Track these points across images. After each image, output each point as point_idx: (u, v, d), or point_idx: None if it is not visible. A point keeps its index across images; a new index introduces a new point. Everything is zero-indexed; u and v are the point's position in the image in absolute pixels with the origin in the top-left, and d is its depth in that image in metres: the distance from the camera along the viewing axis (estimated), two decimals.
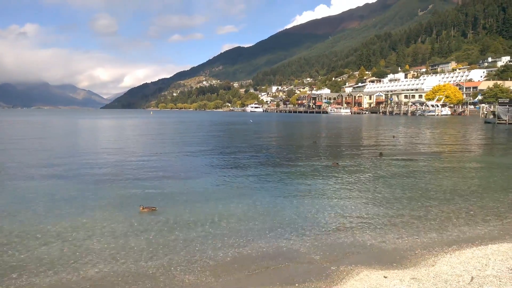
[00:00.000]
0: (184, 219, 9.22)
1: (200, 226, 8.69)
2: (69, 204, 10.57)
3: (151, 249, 7.41)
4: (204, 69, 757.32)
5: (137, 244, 7.64)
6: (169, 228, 8.58)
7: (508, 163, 18.79)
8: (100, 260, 6.88)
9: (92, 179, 14.15)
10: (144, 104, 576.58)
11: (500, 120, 54.21)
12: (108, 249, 7.37)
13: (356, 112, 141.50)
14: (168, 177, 14.69)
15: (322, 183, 13.46)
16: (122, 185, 13.10)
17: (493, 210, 9.96)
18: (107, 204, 10.54)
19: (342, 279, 6.09)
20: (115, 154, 21.54)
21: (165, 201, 10.90)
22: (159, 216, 9.39)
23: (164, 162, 18.59)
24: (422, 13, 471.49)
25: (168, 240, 7.86)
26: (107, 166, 17.13)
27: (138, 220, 9.11)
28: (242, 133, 42.32)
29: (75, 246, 7.53)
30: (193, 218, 9.24)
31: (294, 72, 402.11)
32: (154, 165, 17.70)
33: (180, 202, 10.83)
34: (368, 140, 33.34)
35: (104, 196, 11.52)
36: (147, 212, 9.67)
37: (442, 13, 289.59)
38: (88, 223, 8.92)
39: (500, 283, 5.60)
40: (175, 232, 8.32)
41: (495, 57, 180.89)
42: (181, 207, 10.28)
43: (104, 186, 12.85)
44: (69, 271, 6.44)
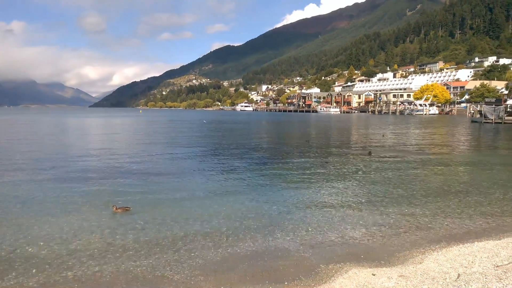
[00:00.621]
0: (169, 218, 9.16)
1: (188, 226, 8.64)
2: (38, 204, 10.36)
3: (138, 249, 7.35)
4: (194, 67, 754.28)
5: (122, 244, 7.57)
6: (154, 228, 8.51)
7: (493, 162, 19.09)
8: (85, 260, 6.80)
9: (67, 178, 13.90)
10: (133, 103, 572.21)
11: (487, 119, 55.08)
12: (91, 250, 7.28)
13: (346, 111, 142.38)
14: (151, 176, 14.53)
15: (310, 182, 13.50)
16: (100, 184, 12.87)
17: (479, 208, 10.11)
18: (85, 204, 10.37)
19: (331, 277, 6.11)
20: (96, 154, 21.02)
21: (151, 200, 10.82)
22: (138, 216, 9.29)
23: (147, 162, 18.34)
24: (410, 13, 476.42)
25: (155, 239, 7.80)
26: (86, 166, 16.76)
27: (119, 220, 9.01)
28: (232, 132, 42.25)
29: (56, 247, 7.43)
30: (180, 217, 9.19)
31: (284, 71, 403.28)
32: (136, 164, 17.46)
33: (164, 201, 10.75)
34: (357, 139, 33.58)
35: (79, 195, 11.31)
36: (121, 213, 9.38)
37: (430, 13, 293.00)
38: (61, 223, 8.75)
39: (486, 280, 5.68)
40: (161, 232, 8.26)
41: (482, 57, 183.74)
42: (165, 206, 10.21)
43: (79, 186, 12.59)
44: (56, 271, 6.35)
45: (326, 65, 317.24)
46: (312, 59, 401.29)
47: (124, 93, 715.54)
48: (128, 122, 67.41)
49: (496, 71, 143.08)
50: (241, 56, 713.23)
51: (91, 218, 9.13)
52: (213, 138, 34.68)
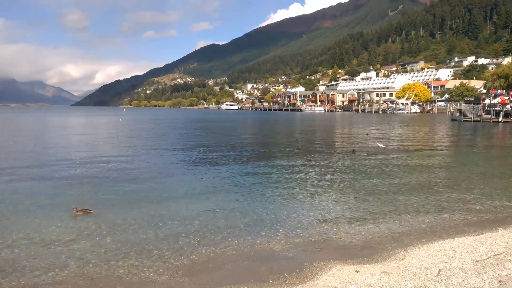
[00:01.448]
0: (157, 217, 9.09)
1: (171, 225, 8.59)
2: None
3: (122, 250, 7.27)
4: (178, 66, 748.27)
5: (104, 246, 7.48)
6: (138, 228, 8.44)
7: (472, 159, 19.57)
8: (66, 262, 6.70)
9: (32, 179, 13.67)
10: (117, 102, 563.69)
11: (466, 117, 56.37)
12: (69, 252, 7.17)
13: (330, 110, 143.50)
14: (123, 177, 14.38)
15: (295, 180, 13.59)
16: (66, 186, 12.65)
17: (459, 204, 10.36)
18: (46, 206, 10.14)
19: (315, 274, 6.17)
20: (69, 155, 20.54)
21: (122, 201, 10.71)
22: (101, 218, 9.18)
23: (122, 162, 18.00)
24: (392, 13, 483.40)
25: (138, 240, 7.73)
26: (56, 167, 16.32)
27: (99, 221, 8.89)
28: (217, 131, 42.07)
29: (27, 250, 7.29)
30: (166, 217, 9.13)
31: (269, 70, 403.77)
32: (110, 165, 17.13)
33: (136, 202, 10.66)
34: (342, 138, 33.90)
35: (41, 197, 11.07)
36: (81, 215, 9.10)
37: (411, 14, 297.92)
38: (18, 226, 8.54)
39: (466, 274, 5.82)
40: (143, 230, 8.19)
41: (461, 57, 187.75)
42: (135, 207, 10.13)
43: (43, 187, 12.31)
44: (36, 274, 6.23)
45: (310, 64, 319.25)
46: (297, 58, 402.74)
47: (108, 92, 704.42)
48: (110, 122, 66.39)
49: (475, 71, 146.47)
50: (226, 55, 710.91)
51: (51, 220, 8.86)
52: (197, 137, 34.46)
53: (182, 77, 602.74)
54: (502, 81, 73.53)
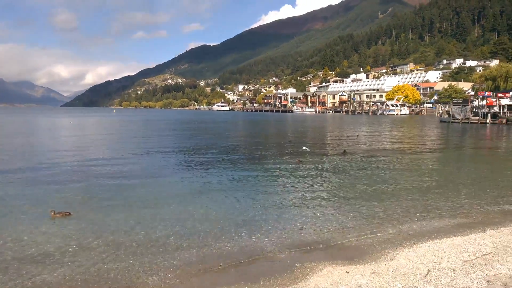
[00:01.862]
0: (147, 218, 9.03)
1: (162, 227, 8.54)
2: None
3: (112, 251, 7.21)
4: (169, 67, 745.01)
5: (95, 246, 7.40)
6: (128, 229, 8.37)
7: (461, 160, 19.84)
8: (56, 264, 6.61)
9: (13, 181, 13.46)
10: (107, 102, 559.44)
11: (454, 119, 57.10)
12: (60, 253, 7.08)
13: (321, 111, 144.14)
14: (108, 178, 14.28)
15: (286, 181, 13.62)
16: (47, 188, 12.48)
17: (448, 205, 10.47)
18: (24, 209, 9.89)
19: (306, 275, 6.18)
20: (54, 157, 20.12)
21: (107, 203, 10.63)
22: (79, 220, 9.12)
23: (110, 165, 17.88)
24: (382, 15, 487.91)
25: (128, 241, 7.67)
26: (40, 169, 16.09)
27: (79, 224, 8.80)
28: (209, 132, 41.96)
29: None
30: (156, 218, 9.07)
31: (260, 71, 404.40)
32: (96, 167, 16.94)
33: (134, 202, 10.59)
34: (332, 139, 34.07)
35: (21, 199, 10.93)
36: (60, 217, 8.91)
37: (401, 16, 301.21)
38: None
39: (454, 274, 5.89)
40: (133, 232, 8.13)
41: (449, 59, 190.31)
42: (136, 207, 10.07)
43: (24, 189, 12.18)
44: (25, 277, 6.14)
45: (301, 66, 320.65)
46: (288, 60, 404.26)
47: (98, 93, 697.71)
48: (100, 122, 65.79)
49: (463, 73, 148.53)
50: (217, 56, 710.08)
51: (30, 224, 8.74)
52: (188, 138, 34.32)
53: (173, 78, 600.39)
54: (490, 83, 74.65)
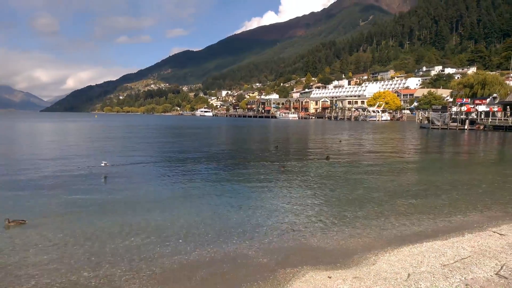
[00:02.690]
0: (129, 225, 8.87)
1: (144, 234, 8.41)
2: None
3: (92, 259, 7.05)
4: (152, 72, 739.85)
5: (74, 254, 7.23)
6: (109, 236, 8.21)
7: (440, 165, 20.25)
8: (36, 272, 6.42)
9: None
10: (88, 108, 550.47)
11: (434, 125, 58.38)
12: (41, 262, 6.88)
13: (303, 117, 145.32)
14: (72, 185, 14.06)
15: (269, 187, 13.63)
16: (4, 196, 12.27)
17: (428, 210, 10.66)
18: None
19: (288, 281, 6.18)
20: (22, 163, 19.59)
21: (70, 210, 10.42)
22: (57, 227, 8.94)
23: (88, 170, 17.68)
24: (363, 23, 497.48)
25: (110, 249, 7.52)
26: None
27: (35, 232, 8.58)
28: (192, 138, 41.69)
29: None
30: (137, 225, 8.93)
31: (243, 77, 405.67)
32: (66, 173, 16.79)
33: (118, 207, 10.41)
34: (316, 144, 34.32)
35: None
36: (14, 226, 8.59)
37: (381, 24, 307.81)
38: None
39: (434, 278, 5.98)
40: (117, 240, 7.98)
41: (429, 67, 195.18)
42: (119, 212, 9.89)
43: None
44: None
45: (284, 72, 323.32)
46: (271, 66, 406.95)
47: (79, 97, 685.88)
48: (79, 128, 64.59)
49: (442, 80, 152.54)
50: (201, 61, 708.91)
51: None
52: (170, 143, 34.00)
53: (156, 83, 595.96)
54: (467, 90, 76.77)
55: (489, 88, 73.09)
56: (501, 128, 51.97)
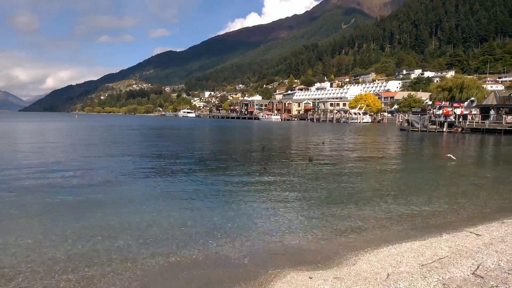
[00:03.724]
0: (109, 226, 8.71)
1: (124, 235, 8.28)
2: None
3: (71, 260, 6.89)
4: (134, 72, 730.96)
5: (51, 256, 7.06)
6: (88, 237, 8.04)
7: (419, 167, 20.66)
8: (12, 275, 6.23)
9: None
10: (69, 107, 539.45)
11: (413, 127, 59.50)
12: (18, 264, 6.69)
13: (286, 119, 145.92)
14: (68, 185, 13.80)
15: (251, 188, 13.63)
16: None
17: (407, 210, 10.85)
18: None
19: (270, 282, 6.18)
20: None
21: None
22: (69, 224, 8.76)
23: (66, 171, 17.37)
24: (345, 26, 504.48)
25: (89, 250, 7.38)
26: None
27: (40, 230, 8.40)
28: (174, 139, 41.33)
29: None
30: (118, 226, 8.78)
31: (226, 78, 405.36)
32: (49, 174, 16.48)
33: (101, 206, 10.22)
34: (298, 146, 34.51)
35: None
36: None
37: (363, 27, 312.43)
38: None
39: (412, 278, 6.07)
40: (96, 242, 7.83)
41: (409, 70, 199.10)
42: (102, 211, 9.71)
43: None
44: None
45: (267, 74, 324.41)
46: (254, 67, 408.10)
47: (59, 97, 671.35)
48: (59, 128, 63.20)
49: (421, 83, 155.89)
50: (184, 62, 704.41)
51: None
52: (152, 145, 33.60)
53: (138, 83, 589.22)
54: (446, 94, 78.76)
55: (467, 92, 75.22)
56: (478, 131, 53.43)
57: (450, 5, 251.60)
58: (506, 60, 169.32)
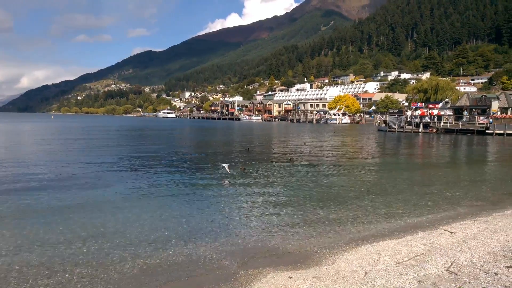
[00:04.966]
0: (84, 229, 8.55)
1: (102, 238, 8.15)
2: None
3: (47, 265, 6.74)
4: (113, 72, 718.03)
5: (27, 261, 6.88)
6: (65, 241, 7.88)
7: (396, 167, 21.13)
8: None
9: None
10: (44, 108, 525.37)
11: (391, 128, 60.68)
12: None
13: (267, 120, 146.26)
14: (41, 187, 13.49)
15: (231, 188, 13.62)
16: None
17: (384, 210, 11.08)
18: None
19: (250, 282, 6.22)
20: None
21: None
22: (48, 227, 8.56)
23: (38, 174, 17.00)
24: (324, 28, 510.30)
25: (66, 255, 7.23)
26: None
27: None
28: (155, 140, 40.81)
29: None
30: (93, 229, 8.63)
31: (207, 79, 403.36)
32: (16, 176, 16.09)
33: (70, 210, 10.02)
34: (279, 146, 34.64)
35: None
36: None
37: (341, 30, 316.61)
38: None
39: (389, 276, 6.22)
40: (73, 245, 7.68)
41: (386, 72, 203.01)
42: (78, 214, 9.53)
43: None
44: None
45: (248, 74, 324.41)
46: (235, 68, 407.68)
47: (34, 97, 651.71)
48: (34, 129, 61.43)
49: (398, 85, 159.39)
50: (164, 62, 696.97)
51: None
52: (131, 146, 33.10)
53: (116, 83, 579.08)
54: (421, 95, 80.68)
55: (441, 93, 77.26)
56: (452, 131, 55.00)
57: (425, 8, 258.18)
58: (478, 63, 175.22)
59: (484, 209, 11.27)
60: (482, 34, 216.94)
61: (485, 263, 6.58)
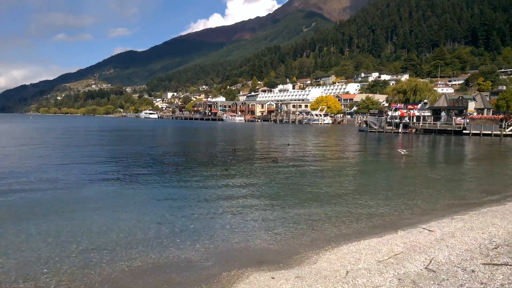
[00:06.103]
0: (66, 231, 8.36)
1: (82, 240, 7.99)
2: None
3: (24, 269, 6.56)
4: (93, 72, 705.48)
5: (2, 264, 6.68)
6: (43, 244, 7.69)
7: (376, 166, 21.47)
8: None
9: None
10: (22, 108, 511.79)
11: (371, 128, 61.64)
12: None
13: (250, 120, 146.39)
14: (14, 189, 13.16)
15: (215, 189, 13.57)
16: None
17: (365, 209, 11.23)
18: None
19: (232, 283, 6.20)
20: None
21: None
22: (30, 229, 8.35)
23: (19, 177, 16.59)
24: (306, 29, 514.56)
25: (44, 258, 7.05)
26: None
27: None
28: (137, 141, 40.26)
29: None
30: (75, 231, 8.45)
31: (189, 79, 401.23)
32: None
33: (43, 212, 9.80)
34: (263, 147, 34.70)
35: None
36: None
37: (323, 31, 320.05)
38: None
39: (370, 274, 6.29)
40: (51, 248, 7.49)
41: (366, 73, 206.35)
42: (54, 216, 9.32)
43: None
44: None
45: (231, 75, 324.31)
46: (218, 68, 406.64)
47: (11, 97, 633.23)
48: (11, 130, 59.73)
49: (378, 86, 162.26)
50: (146, 62, 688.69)
51: None
52: (112, 147, 32.55)
53: (97, 83, 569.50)
54: (401, 96, 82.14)
55: (420, 94, 78.85)
56: (431, 131, 56.27)
57: (404, 11, 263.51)
58: (455, 65, 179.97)
59: (462, 208, 11.54)
60: (459, 37, 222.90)
61: (462, 261, 6.73)
